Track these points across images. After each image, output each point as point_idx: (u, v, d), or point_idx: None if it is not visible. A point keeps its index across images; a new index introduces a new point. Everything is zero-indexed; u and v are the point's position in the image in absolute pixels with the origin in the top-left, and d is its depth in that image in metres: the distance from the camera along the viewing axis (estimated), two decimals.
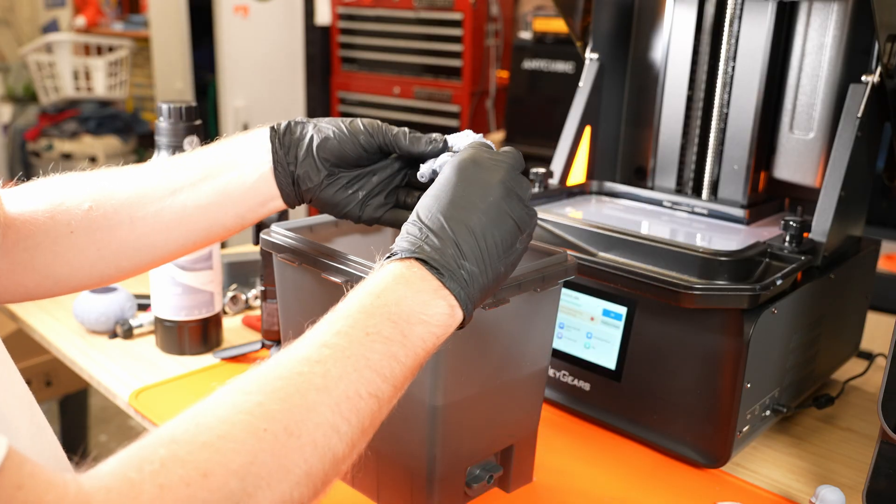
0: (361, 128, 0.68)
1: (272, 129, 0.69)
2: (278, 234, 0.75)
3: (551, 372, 0.90)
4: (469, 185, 0.59)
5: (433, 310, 0.54)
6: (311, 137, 0.68)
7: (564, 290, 0.86)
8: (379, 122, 0.70)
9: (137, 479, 0.39)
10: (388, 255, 0.57)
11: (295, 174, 0.68)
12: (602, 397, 0.86)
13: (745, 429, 0.80)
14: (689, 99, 1.03)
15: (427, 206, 0.58)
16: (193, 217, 0.68)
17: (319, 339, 0.50)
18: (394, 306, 0.53)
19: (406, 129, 0.69)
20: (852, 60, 0.90)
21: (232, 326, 1.13)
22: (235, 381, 0.47)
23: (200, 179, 0.67)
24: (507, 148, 0.63)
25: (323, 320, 0.52)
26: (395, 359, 0.51)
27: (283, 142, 0.68)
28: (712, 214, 0.99)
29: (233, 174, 0.68)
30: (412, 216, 0.58)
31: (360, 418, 0.48)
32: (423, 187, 0.64)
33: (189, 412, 0.44)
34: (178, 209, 0.67)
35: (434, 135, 0.69)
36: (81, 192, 0.67)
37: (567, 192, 1.07)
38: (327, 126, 0.68)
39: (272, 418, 0.44)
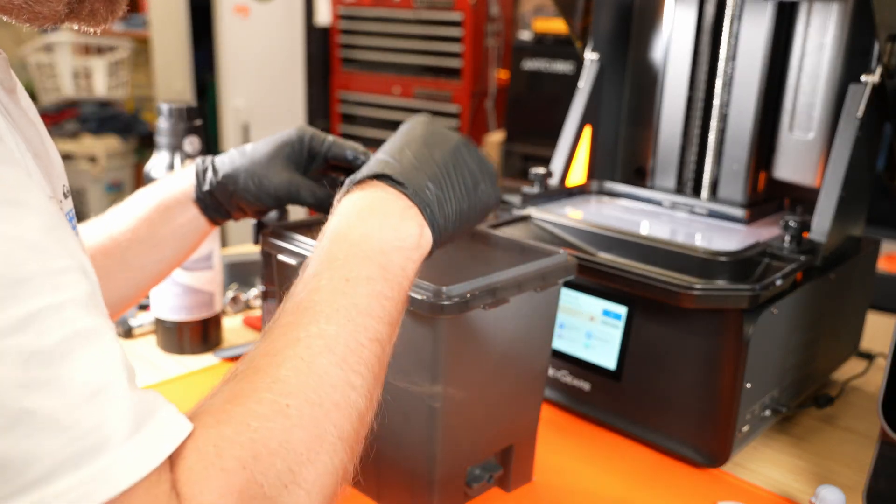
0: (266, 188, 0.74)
1: (198, 200, 0.76)
2: (278, 233, 0.75)
3: (551, 372, 0.90)
4: (428, 127, 0.61)
5: (404, 232, 0.54)
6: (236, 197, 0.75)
7: (564, 290, 0.86)
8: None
9: (202, 466, 0.40)
10: (346, 187, 0.57)
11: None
12: (602, 397, 0.87)
13: (744, 429, 0.80)
14: (689, 99, 1.03)
15: (388, 142, 0.60)
16: (152, 265, 0.78)
17: (303, 302, 0.49)
18: (365, 243, 0.52)
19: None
20: (852, 60, 0.90)
21: (232, 326, 1.13)
22: (240, 367, 0.47)
23: (142, 241, 0.76)
24: None
25: (298, 282, 0.51)
26: (382, 297, 0.51)
27: (213, 206, 0.77)
28: (712, 214, 0.99)
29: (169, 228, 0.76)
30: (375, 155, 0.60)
31: (369, 367, 0.48)
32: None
33: (212, 405, 0.44)
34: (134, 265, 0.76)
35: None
36: None
37: (567, 192, 1.07)
38: (244, 186, 0.74)
39: (291, 393, 0.44)
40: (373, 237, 0.52)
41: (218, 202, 0.76)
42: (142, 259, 0.76)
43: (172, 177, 0.78)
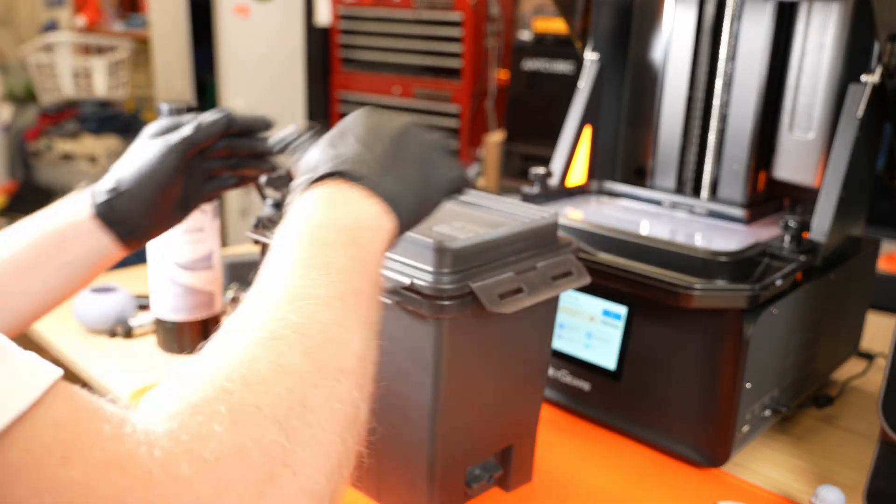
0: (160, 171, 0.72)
1: (99, 215, 0.71)
2: (266, 227, 0.75)
3: (551, 372, 0.90)
4: (372, 117, 0.60)
5: (368, 214, 0.53)
6: (138, 201, 0.72)
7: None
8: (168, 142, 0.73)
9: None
10: (300, 186, 0.55)
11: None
12: (602, 397, 0.87)
13: (744, 428, 0.80)
14: (689, 99, 1.03)
15: (331, 134, 0.59)
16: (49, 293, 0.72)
17: (276, 312, 0.46)
18: (331, 224, 0.51)
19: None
20: (852, 60, 0.90)
21: None
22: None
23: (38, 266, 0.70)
24: None
25: (258, 289, 0.48)
26: (357, 259, 0.50)
27: (117, 219, 0.72)
28: (712, 214, 0.99)
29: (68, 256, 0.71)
30: (316, 147, 0.58)
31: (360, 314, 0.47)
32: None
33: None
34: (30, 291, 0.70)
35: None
36: None
37: (567, 193, 1.07)
38: (143, 180, 0.71)
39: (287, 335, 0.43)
40: (339, 220, 0.52)
41: (122, 216, 0.71)
42: (27, 286, 0.69)
43: (64, 202, 0.73)
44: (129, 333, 1.08)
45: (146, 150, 0.73)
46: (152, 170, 0.71)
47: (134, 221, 0.72)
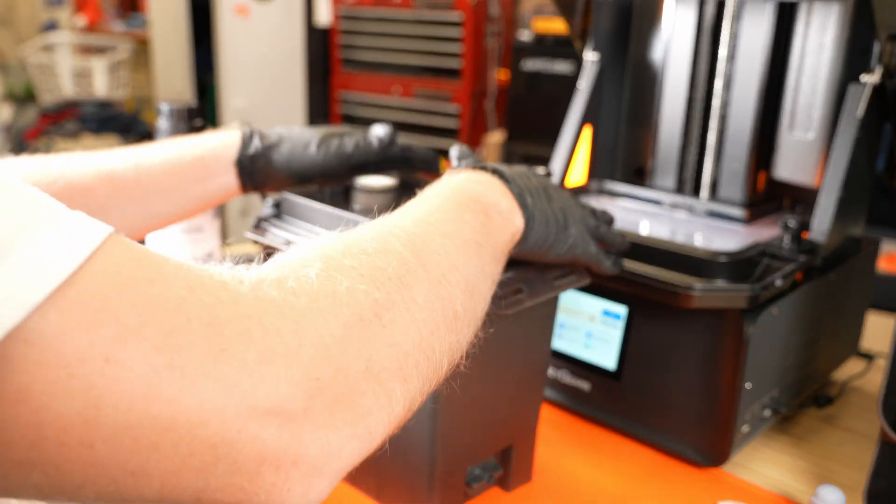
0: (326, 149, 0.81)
1: (239, 162, 0.78)
2: (273, 232, 0.75)
3: (551, 372, 0.90)
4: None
5: (507, 207, 0.57)
6: (278, 172, 0.80)
7: None
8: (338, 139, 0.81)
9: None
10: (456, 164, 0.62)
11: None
12: (602, 397, 0.87)
13: (744, 428, 0.80)
14: (689, 99, 1.03)
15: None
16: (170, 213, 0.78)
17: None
18: (470, 196, 0.55)
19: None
20: (852, 60, 0.90)
21: None
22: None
23: (172, 190, 0.76)
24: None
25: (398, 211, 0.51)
26: (482, 232, 0.53)
27: (250, 171, 0.79)
28: (712, 214, 0.99)
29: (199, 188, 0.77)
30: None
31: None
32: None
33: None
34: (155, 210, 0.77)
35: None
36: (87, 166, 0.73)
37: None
38: (295, 161, 0.80)
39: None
40: (481, 194, 0.55)
41: (256, 169, 0.79)
42: (159, 206, 0.76)
43: (213, 135, 0.80)
44: None
45: (308, 133, 0.81)
46: (301, 153, 0.80)
47: (262, 179, 0.79)
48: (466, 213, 0.52)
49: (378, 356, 0.40)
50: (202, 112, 0.97)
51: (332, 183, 0.82)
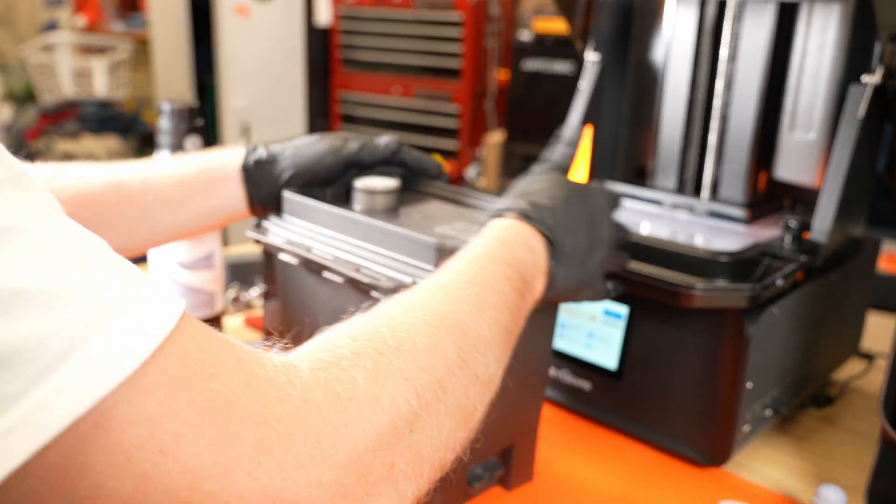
0: (329, 158, 0.80)
1: (244, 168, 0.78)
2: (274, 231, 0.75)
3: (552, 371, 0.90)
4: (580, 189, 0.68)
5: (540, 262, 0.60)
6: (283, 174, 0.79)
7: None
8: (343, 142, 0.81)
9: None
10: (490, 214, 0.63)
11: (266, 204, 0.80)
12: (603, 397, 0.87)
13: (745, 428, 0.80)
14: (690, 99, 1.03)
15: (522, 185, 0.66)
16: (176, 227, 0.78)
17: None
18: (507, 259, 0.57)
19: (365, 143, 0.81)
20: (853, 61, 0.90)
21: (233, 326, 1.13)
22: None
23: (178, 201, 0.76)
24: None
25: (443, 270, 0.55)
26: (514, 291, 0.56)
27: (256, 179, 0.78)
28: (712, 214, 0.99)
29: (206, 203, 0.77)
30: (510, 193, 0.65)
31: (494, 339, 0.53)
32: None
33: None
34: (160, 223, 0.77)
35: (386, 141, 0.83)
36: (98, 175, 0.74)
37: None
38: (298, 161, 0.79)
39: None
40: (513, 254, 0.58)
41: (261, 174, 0.78)
42: (164, 216, 0.76)
43: (220, 150, 0.80)
44: None
45: (315, 142, 0.81)
46: (307, 161, 0.79)
47: (268, 187, 0.79)
48: (512, 294, 0.56)
49: (400, 462, 0.42)
50: (202, 112, 0.97)
51: (334, 182, 0.82)
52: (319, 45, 3.75)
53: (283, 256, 0.75)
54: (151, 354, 0.33)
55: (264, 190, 0.79)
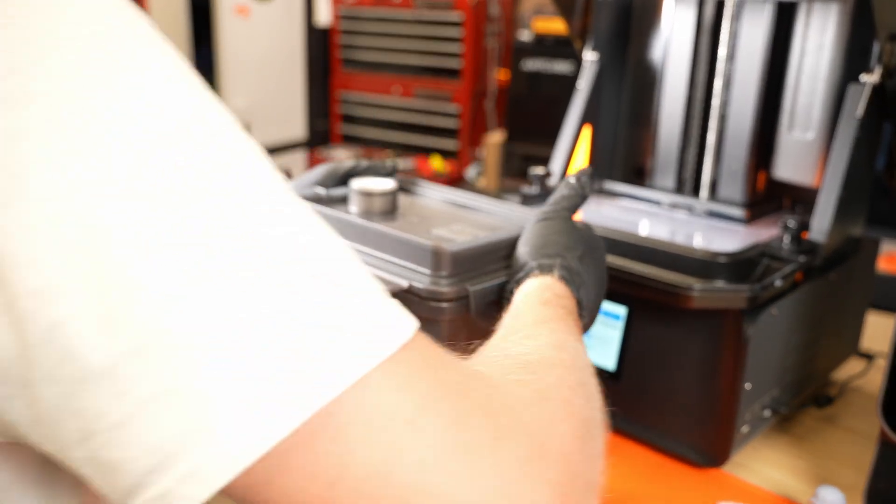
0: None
1: None
2: None
3: None
4: (583, 231, 0.69)
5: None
6: None
7: None
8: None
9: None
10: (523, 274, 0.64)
11: None
12: (602, 397, 0.86)
13: (744, 428, 0.80)
14: (689, 99, 1.03)
15: (536, 236, 0.67)
16: None
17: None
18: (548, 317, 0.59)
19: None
20: (852, 60, 0.90)
21: None
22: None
23: None
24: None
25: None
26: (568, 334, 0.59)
27: None
28: (711, 214, 0.99)
29: None
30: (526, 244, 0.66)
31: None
32: None
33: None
34: None
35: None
36: None
37: None
38: None
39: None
40: (561, 301, 0.60)
41: None
42: None
43: None
44: None
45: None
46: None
47: None
48: (566, 326, 0.59)
49: (591, 471, 0.44)
50: None
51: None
52: (319, 45, 3.75)
53: None
54: (404, 343, 0.36)
55: None
